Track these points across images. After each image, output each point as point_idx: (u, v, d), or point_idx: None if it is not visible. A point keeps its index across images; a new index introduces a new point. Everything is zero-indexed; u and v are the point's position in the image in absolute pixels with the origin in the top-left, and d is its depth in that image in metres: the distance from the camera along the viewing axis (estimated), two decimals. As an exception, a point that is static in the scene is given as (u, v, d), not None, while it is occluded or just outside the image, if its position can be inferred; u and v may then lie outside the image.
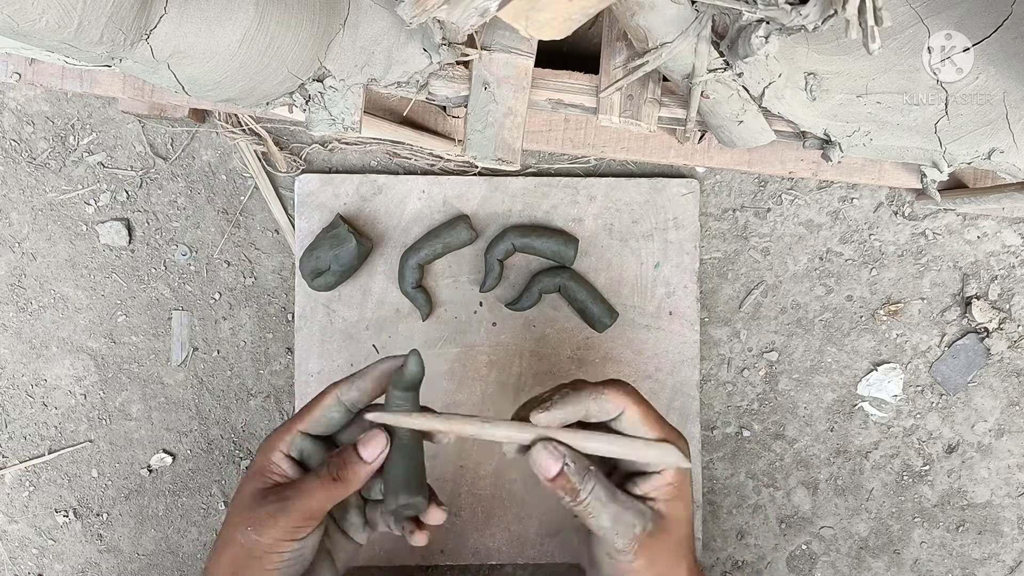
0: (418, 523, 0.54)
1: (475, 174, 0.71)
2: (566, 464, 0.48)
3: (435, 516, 0.53)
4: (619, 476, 0.52)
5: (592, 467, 0.50)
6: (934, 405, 0.73)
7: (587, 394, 0.50)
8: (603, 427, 0.51)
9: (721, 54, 0.53)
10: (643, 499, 0.50)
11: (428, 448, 0.54)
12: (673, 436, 0.51)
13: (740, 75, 0.54)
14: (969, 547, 0.74)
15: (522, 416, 0.52)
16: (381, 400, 0.53)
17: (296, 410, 0.70)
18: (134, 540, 0.73)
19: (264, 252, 0.73)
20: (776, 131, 0.59)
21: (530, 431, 0.49)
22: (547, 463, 0.48)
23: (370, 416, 0.51)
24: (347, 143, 0.71)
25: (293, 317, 0.72)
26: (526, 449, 0.50)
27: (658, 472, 0.50)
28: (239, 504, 0.52)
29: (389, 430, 0.52)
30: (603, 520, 0.49)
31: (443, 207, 0.70)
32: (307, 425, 0.52)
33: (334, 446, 0.54)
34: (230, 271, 0.73)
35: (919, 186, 0.66)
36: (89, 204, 0.72)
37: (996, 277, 0.73)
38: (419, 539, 0.53)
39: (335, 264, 0.67)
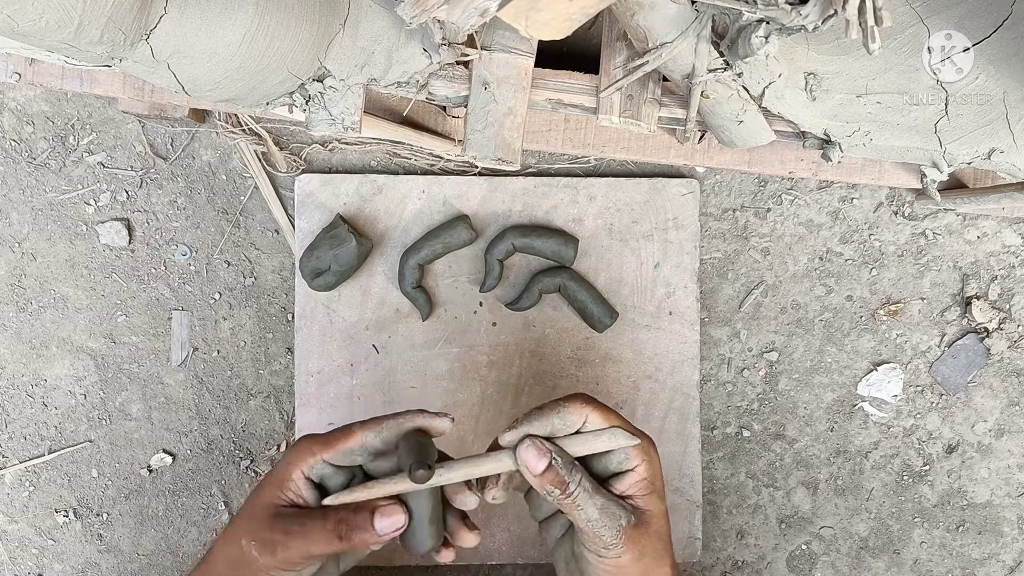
0: (444, 542, 0.54)
1: (475, 174, 0.71)
2: (553, 458, 0.49)
3: (469, 540, 0.54)
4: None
5: (575, 462, 0.50)
6: (934, 405, 0.73)
7: (549, 410, 0.51)
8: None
9: (721, 54, 0.53)
10: (621, 497, 0.52)
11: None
12: (638, 431, 0.52)
13: (740, 75, 0.54)
14: (969, 547, 0.74)
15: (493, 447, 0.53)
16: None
17: (295, 410, 0.70)
18: (134, 540, 0.73)
19: (264, 252, 0.73)
20: (776, 131, 0.59)
21: (506, 457, 0.51)
22: (534, 459, 0.49)
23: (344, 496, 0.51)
24: (347, 143, 0.71)
25: (293, 317, 0.72)
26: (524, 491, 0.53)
27: (631, 469, 0.51)
28: (252, 508, 0.52)
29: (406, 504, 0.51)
30: (591, 512, 0.49)
31: (443, 207, 0.70)
32: (330, 457, 0.52)
33: (358, 472, 0.54)
34: (230, 271, 0.73)
35: (919, 186, 0.66)
36: (89, 204, 0.72)
37: (996, 277, 0.73)
38: (447, 557, 0.54)
39: (335, 264, 0.67)
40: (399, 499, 0.51)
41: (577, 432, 0.51)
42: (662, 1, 0.49)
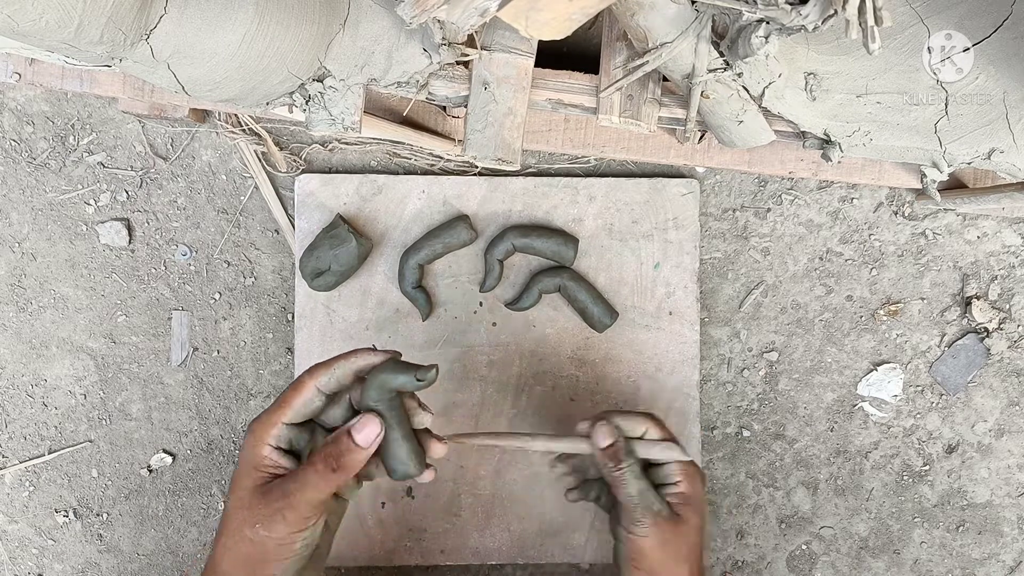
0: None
1: (475, 174, 0.71)
2: (618, 439, 0.58)
3: (439, 450, 0.56)
4: None
5: (634, 451, 0.58)
6: (934, 405, 0.73)
7: (618, 412, 0.60)
8: None
9: (721, 54, 0.53)
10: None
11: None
12: (687, 454, 0.60)
13: (740, 75, 0.54)
14: (969, 547, 0.74)
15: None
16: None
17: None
18: (134, 540, 0.73)
19: (264, 252, 0.73)
20: (776, 131, 0.59)
21: (580, 442, 0.60)
22: (603, 436, 0.58)
23: (441, 447, 0.56)
24: (347, 143, 0.71)
25: (293, 317, 0.72)
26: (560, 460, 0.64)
27: (672, 483, 0.58)
28: (240, 502, 0.52)
29: (381, 414, 0.53)
30: (632, 489, 0.57)
31: (443, 207, 0.70)
32: (289, 417, 0.53)
33: (315, 427, 0.55)
34: (230, 271, 0.73)
35: (919, 186, 0.66)
36: (89, 204, 0.72)
37: (996, 277, 0.73)
38: (427, 476, 0.55)
39: (335, 264, 0.67)
40: (372, 411, 0.53)
41: (640, 438, 0.59)
42: (662, 1, 0.49)
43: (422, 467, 0.54)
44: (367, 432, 0.52)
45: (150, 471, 0.73)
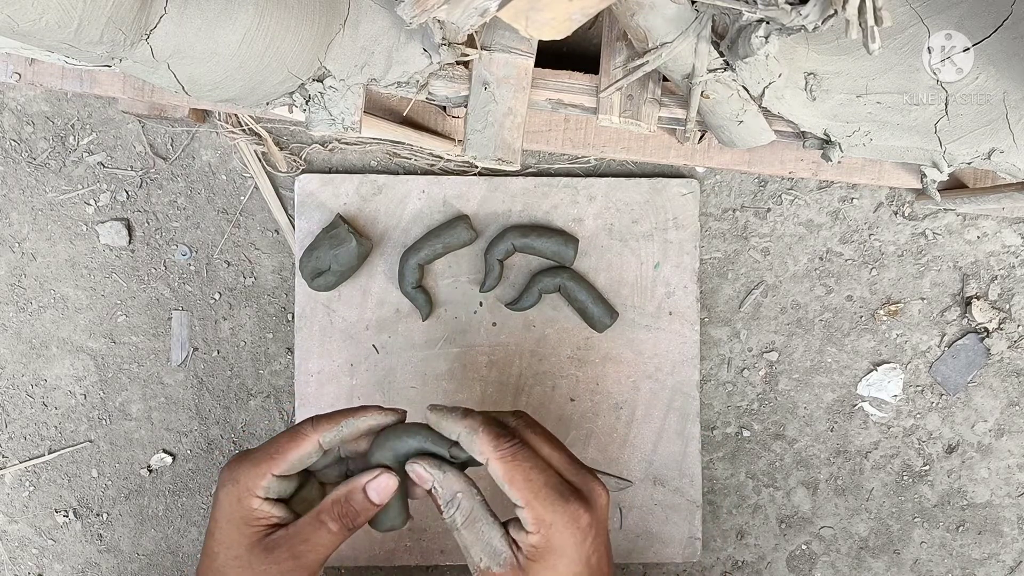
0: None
1: (475, 174, 0.71)
2: (434, 487, 0.51)
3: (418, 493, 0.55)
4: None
5: (460, 494, 0.51)
6: (934, 405, 0.73)
7: (461, 419, 0.51)
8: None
9: (721, 54, 0.53)
10: (515, 543, 0.50)
11: None
12: (545, 500, 0.49)
13: (740, 75, 0.53)
14: (969, 547, 0.74)
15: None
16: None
17: (295, 410, 0.70)
18: (134, 540, 0.73)
19: (264, 252, 0.73)
20: (776, 131, 0.59)
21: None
22: (419, 478, 0.52)
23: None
24: (347, 143, 0.71)
25: (293, 317, 0.72)
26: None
27: (526, 531, 0.50)
28: (237, 561, 0.50)
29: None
30: (461, 540, 0.51)
31: (443, 207, 0.70)
32: (283, 469, 0.51)
33: (307, 472, 0.54)
34: (230, 271, 0.73)
35: (919, 186, 0.66)
36: (89, 204, 0.72)
37: (996, 277, 0.73)
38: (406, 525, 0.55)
39: (335, 264, 0.67)
40: (382, 467, 0.52)
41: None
42: (662, 1, 0.49)
43: (406, 519, 0.54)
44: (384, 490, 0.51)
45: (150, 471, 0.73)
